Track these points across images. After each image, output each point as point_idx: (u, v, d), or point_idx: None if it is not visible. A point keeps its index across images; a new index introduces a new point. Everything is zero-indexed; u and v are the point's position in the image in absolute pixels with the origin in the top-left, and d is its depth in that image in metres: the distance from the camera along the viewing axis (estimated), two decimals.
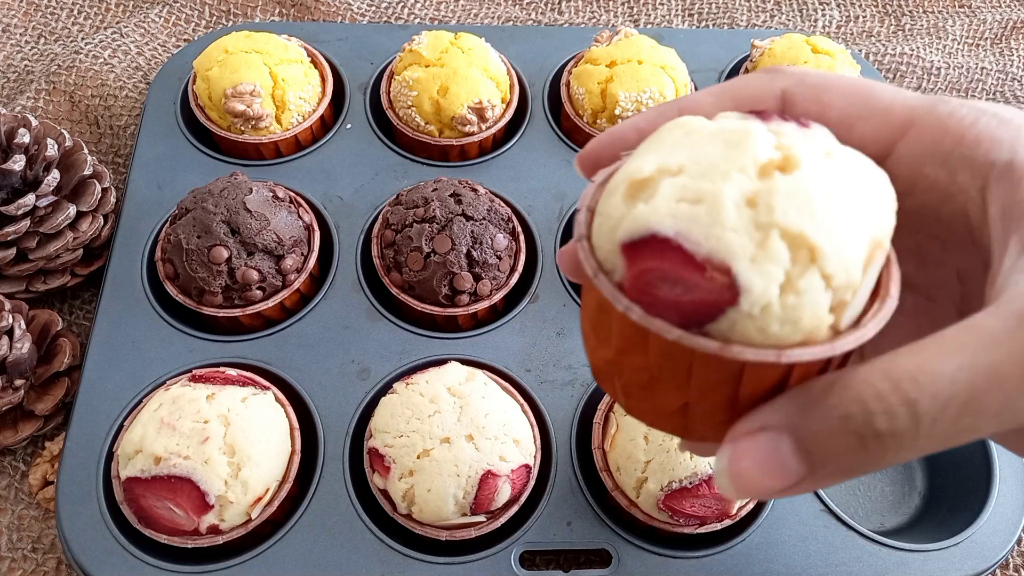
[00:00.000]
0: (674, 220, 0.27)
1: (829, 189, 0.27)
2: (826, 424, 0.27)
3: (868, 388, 0.26)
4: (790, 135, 0.29)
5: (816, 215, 0.26)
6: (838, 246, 0.26)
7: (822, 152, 0.28)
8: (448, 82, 0.75)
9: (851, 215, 0.27)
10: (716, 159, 0.28)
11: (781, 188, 0.26)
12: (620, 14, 0.97)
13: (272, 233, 0.66)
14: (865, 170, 0.29)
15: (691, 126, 0.29)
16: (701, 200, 0.27)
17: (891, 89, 0.33)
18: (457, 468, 0.57)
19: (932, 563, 0.59)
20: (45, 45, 0.88)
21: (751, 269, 0.26)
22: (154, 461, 0.56)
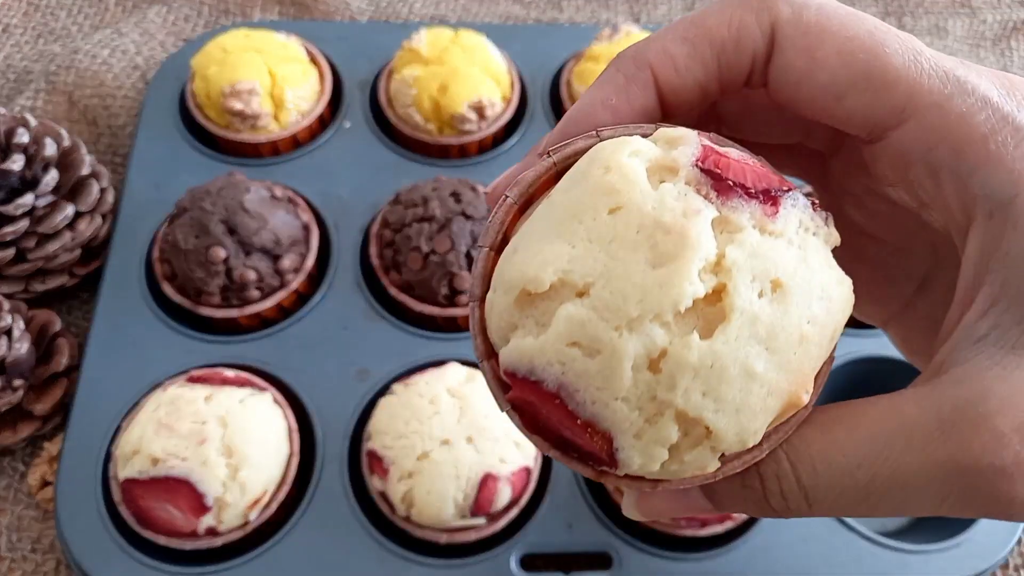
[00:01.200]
0: (561, 369, 0.23)
1: (748, 360, 0.23)
2: (730, 488, 0.27)
3: (769, 467, 0.26)
4: (741, 233, 0.24)
5: (723, 399, 0.23)
6: (740, 429, 0.24)
7: (772, 271, 0.24)
8: (448, 80, 0.75)
9: (764, 386, 0.24)
10: (632, 290, 0.23)
11: (691, 361, 0.23)
12: (621, 12, 0.96)
13: (270, 233, 0.66)
14: (821, 291, 0.24)
15: (623, 200, 0.24)
16: (598, 352, 0.23)
17: (907, 55, 0.26)
18: (457, 470, 0.57)
19: (932, 563, 0.59)
20: (44, 45, 0.88)
21: (634, 446, 0.24)
22: (152, 462, 0.56)
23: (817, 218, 0.26)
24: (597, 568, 0.59)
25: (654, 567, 0.58)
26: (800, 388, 0.24)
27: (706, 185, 0.24)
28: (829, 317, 0.25)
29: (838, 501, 0.26)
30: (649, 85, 0.28)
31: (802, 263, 0.24)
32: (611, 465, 0.24)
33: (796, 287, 0.24)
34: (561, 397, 0.24)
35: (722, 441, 0.24)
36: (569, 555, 0.60)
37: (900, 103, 0.26)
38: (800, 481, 0.26)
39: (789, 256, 0.24)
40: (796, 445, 0.26)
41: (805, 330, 0.24)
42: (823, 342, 0.25)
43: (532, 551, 0.59)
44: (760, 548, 0.59)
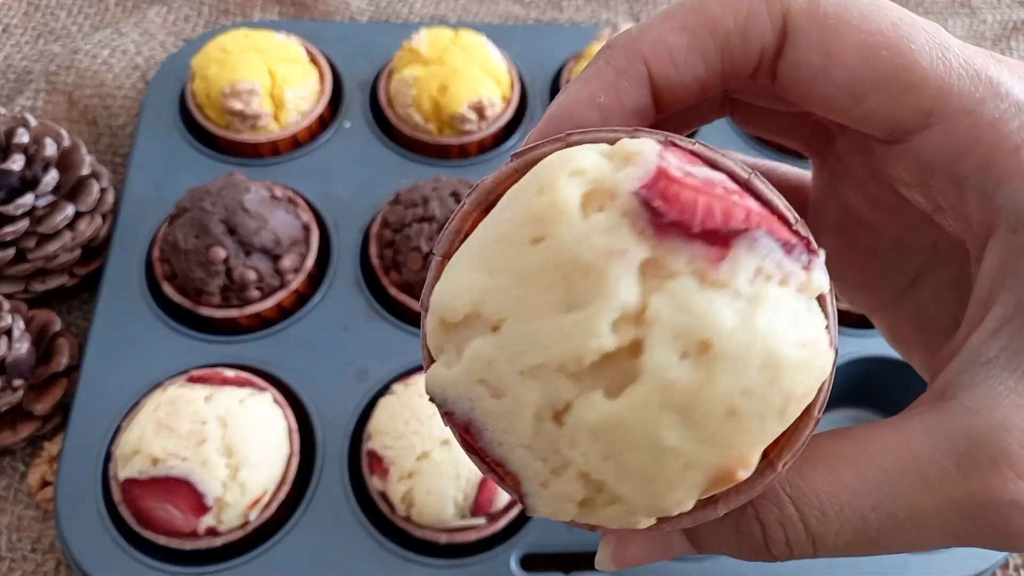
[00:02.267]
0: (471, 405, 0.22)
1: (657, 430, 0.20)
2: (723, 535, 0.25)
3: (771, 512, 0.24)
4: (673, 281, 0.20)
5: (627, 467, 0.21)
6: (652, 499, 0.21)
7: (700, 330, 0.20)
8: (448, 80, 0.75)
9: (678, 459, 0.20)
10: (538, 335, 0.20)
11: (591, 421, 0.20)
12: (621, 12, 0.96)
13: (270, 233, 0.66)
14: (765, 358, 0.20)
15: (547, 231, 0.21)
16: (503, 395, 0.21)
17: (934, 52, 0.24)
18: (456, 470, 0.57)
19: (932, 563, 0.59)
20: (44, 45, 0.88)
21: (540, 495, 0.22)
22: (152, 462, 0.56)
23: (791, 263, 0.21)
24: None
25: (654, 567, 0.58)
26: (733, 465, 0.21)
27: (643, 219, 0.20)
28: (774, 388, 0.20)
29: (848, 546, 0.24)
30: (643, 81, 0.25)
31: (744, 322, 0.20)
32: (524, 505, 0.22)
33: (729, 351, 0.20)
34: (471, 432, 0.22)
35: (633, 507, 0.21)
36: (569, 555, 0.60)
37: (926, 106, 0.24)
38: (808, 528, 0.24)
39: (728, 313, 0.20)
40: (801, 488, 0.24)
41: (736, 403, 0.20)
42: (768, 415, 0.21)
43: (532, 551, 0.59)
44: None
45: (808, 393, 0.21)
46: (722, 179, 0.21)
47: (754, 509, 0.24)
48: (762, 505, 0.24)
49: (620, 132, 0.23)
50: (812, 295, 0.22)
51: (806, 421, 0.22)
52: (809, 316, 0.21)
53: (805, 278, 0.21)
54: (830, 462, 0.24)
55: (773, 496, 0.24)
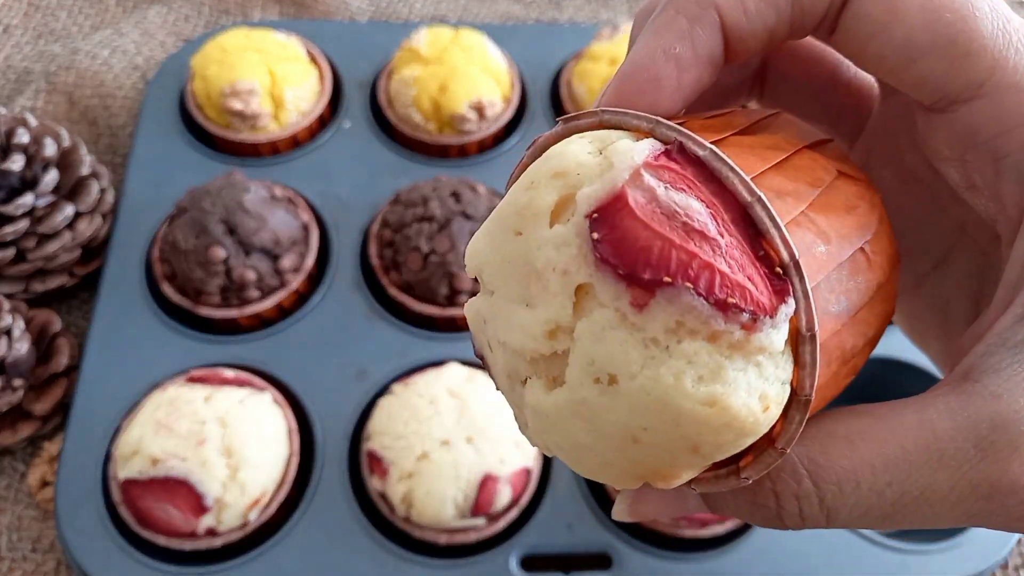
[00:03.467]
0: (480, 341, 0.25)
1: (574, 432, 0.22)
2: (737, 503, 0.25)
3: (787, 486, 0.24)
4: (599, 311, 0.21)
5: (560, 446, 0.23)
6: (597, 474, 0.23)
7: (609, 366, 0.21)
8: (447, 80, 0.75)
9: (598, 456, 0.22)
10: (504, 317, 0.23)
11: (531, 403, 0.23)
12: (621, 12, 0.96)
13: (270, 233, 0.66)
14: (661, 409, 0.21)
15: (523, 228, 0.22)
16: (491, 349, 0.24)
17: (997, 22, 0.23)
18: (456, 471, 0.57)
19: (932, 563, 0.59)
20: (44, 45, 0.88)
21: (524, 430, 0.25)
22: (151, 463, 0.56)
23: (722, 322, 0.20)
24: (597, 568, 0.59)
25: (654, 567, 0.58)
26: (652, 479, 0.22)
27: (587, 244, 0.21)
28: (677, 434, 0.21)
29: (861, 519, 0.24)
30: (716, 28, 0.24)
31: (649, 370, 0.20)
32: None
33: (631, 391, 0.21)
34: (484, 362, 0.25)
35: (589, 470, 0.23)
36: (569, 555, 0.60)
37: (980, 77, 0.23)
38: (824, 501, 0.24)
39: (636, 356, 0.20)
40: (819, 463, 0.24)
41: (638, 435, 0.21)
42: (677, 452, 0.21)
43: (532, 552, 0.59)
44: (760, 549, 0.59)
45: (725, 446, 0.21)
46: (695, 213, 0.21)
47: (771, 482, 0.24)
48: (779, 478, 0.24)
49: (644, 121, 0.23)
50: (752, 355, 0.21)
51: (793, 404, 0.22)
52: (741, 375, 0.21)
53: (741, 337, 0.20)
54: (850, 439, 0.24)
55: (790, 470, 0.24)
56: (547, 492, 0.61)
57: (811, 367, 0.22)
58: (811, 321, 0.21)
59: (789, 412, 0.22)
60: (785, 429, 0.22)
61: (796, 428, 0.22)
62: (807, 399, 0.22)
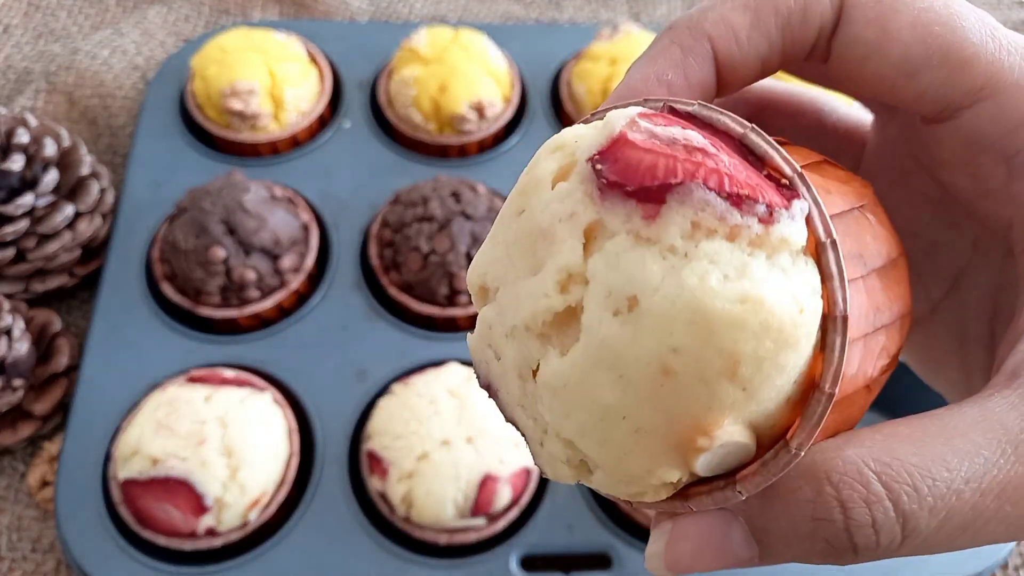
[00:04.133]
0: (486, 368, 0.23)
1: (596, 389, 0.20)
2: (793, 524, 0.22)
3: (854, 490, 0.21)
4: (612, 240, 0.20)
5: (584, 427, 0.21)
6: (616, 465, 0.21)
7: (629, 287, 0.19)
8: (447, 80, 0.75)
9: (627, 420, 0.20)
10: (514, 297, 0.22)
11: (547, 379, 0.21)
12: (621, 12, 0.96)
13: (270, 233, 0.66)
14: (691, 314, 0.19)
15: (526, 203, 0.22)
16: (500, 357, 0.22)
17: (984, 31, 0.25)
18: (456, 471, 0.57)
19: (932, 563, 0.59)
20: (44, 45, 0.88)
21: (540, 454, 0.22)
22: (151, 463, 0.56)
23: (738, 216, 0.20)
24: (597, 568, 0.59)
25: None
26: (688, 432, 0.20)
27: (591, 183, 0.20)
28: (709, 348, 0.19)
29: (939, 530, 0.22)
30: (708, 59, 0.25)
31: (671, 278, 0.19)
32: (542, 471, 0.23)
33: (653, 307, 0.19)
34: (492, 393, 0.23)
35: (612, 474, 0.21)
36: (569, 555, 0.60)
37: (979, 82, 0.24)
38: (899, 506, 0.21)
39: (656, 268, 0.19)
40: (887, 462, 0.21)
41: (668, 362, 0.19)
42: (711, 377, 0.19)
43: (532, 552, 0.59)
44: None
45: (770, 357, 0.20)
46: (693, 138, 0.20)
47: (833, 488, 0.21)
48: (843, 482, 0.21)
49: (652, 102, 0.24)
50: (774, 250, 0.20)
51: (815, 396, 0.21)
52: (768, 272, 0.20)
53: (761, 231, 0.20)
54: (914, 437, 0.22)
55: (853, 471, 0.21)
56: (547, 492, 0.61)
57: (839, 278, 0.20)
58: (827, 227, 0.20)
59: (810, 403, 0.21)
60: (803, 423, 0.21)
61: (816, 421, 0.20)
62: (840, 346, 0.20)
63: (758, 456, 0.21)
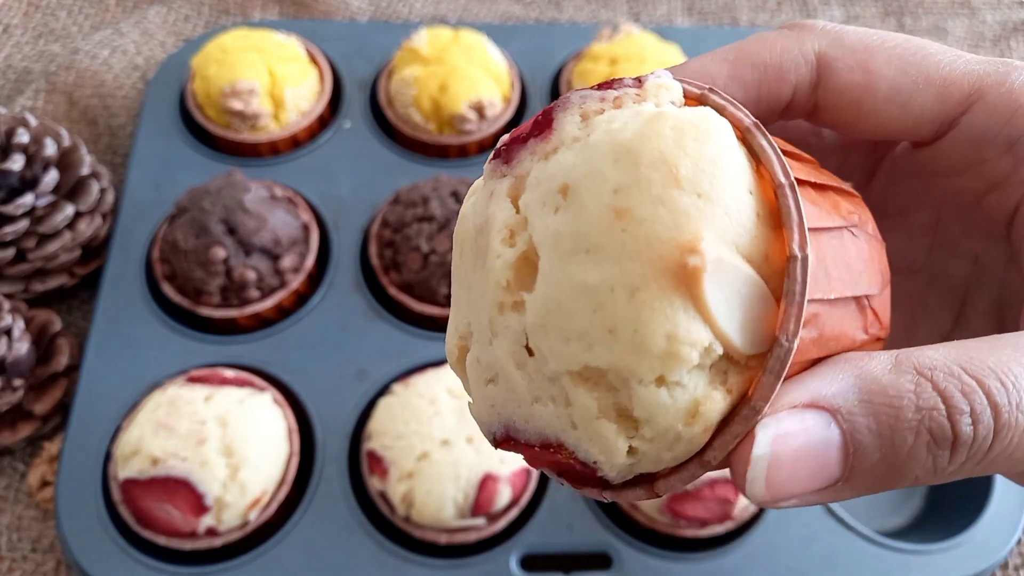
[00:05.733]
0: (494, 410, 0.23)
1: (575, 278, 0.20)
2: (897, 420, 0.21)
3: (950, 381, 0.21)
4: (528, 176, 0.22)
5: (586, 334, 0.20)
6: (634, 348, 0.20)
7: (554, 183, 0.21)
8: (448, 80, 0.75)
9: (614, 288, 0.20)
10: (480, 302, 0.23)
11: (534, 320, 0.21)
12: (621, 12, 0.96)
13: (270, 233, 0.66)
14: (613, 156, 0.21)
15: (457, 236, 0.25)
16: (497, 376, 0.23)
17: (948, 52, 0.27)
18: (456, 470, 0.57)
19: (932, 563, 0.59)
20: (44, 45, 0.88)
21: (579, 439, 0.22)
22: (151, 463, 0.56)
23: (615, 91, 0.23)
24: (597, 568, 0.59)
25: (654, 567, 0.58)
26: (675, 257, 0.20)
27: (499, 166, 0.23)
28: (640, 169, 0.20)
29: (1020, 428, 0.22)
30: None
31: (582, 149, 0.21)
32: (594, 472, 0.22)
33: (580, 175, 0.21)
34: (511, 436, 0.23)
35: (638, 373, 0.20)
36: (569, 555, 0.60)
37: (965, 90, 0.27)
38: (991, 396, 0.21)
39: (569, 156, 0.22)
40: (968, 359, 0.22)
41: (617, 203, 0.20)
42: (661, 194, 0.20)
43: (532, 551, 0.59)
44: (760, 548, 0.59)
45: (697, 153, 0.21)
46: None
47: (930, 381, 0.21)
48: (937, 375, 0.22)
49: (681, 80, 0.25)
50: (657, 95, 0.23)
51: (789, 265, 0.21)
52: (661, 105, 0.23)
53: (639, 89, 0.23)
54: (986, 346, 0.22)
55: (944, 366, 0.22)
56: (547, 492, 0.61)
57: (797, 218, 0.21)
58: (787, 172, 0.22)
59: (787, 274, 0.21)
60: (785, 304, 0.21)
61: (799, 289, 0.21)
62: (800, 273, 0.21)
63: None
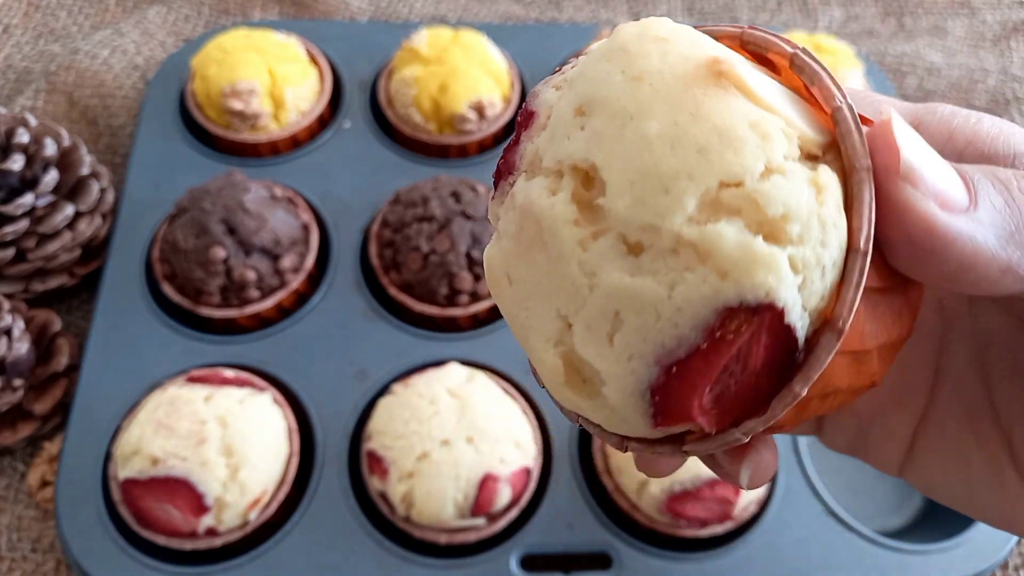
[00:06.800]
0: (635, 361, 0.22)
1: (649, 152, 0.20)
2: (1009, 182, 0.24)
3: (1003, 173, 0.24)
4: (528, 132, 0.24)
5: (679, 175, 0.20)
6: (732, 149, 0.20)
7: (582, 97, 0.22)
8: (448, 80, 0.75)
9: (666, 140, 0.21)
10: (557, 279, 0.23)
11: (623, 207, 0.21)
12: (621, 12, 0.96)
13: (270, 233, 0.66)
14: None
15: None
16: (618, 312, 0.22)
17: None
18: (456, 470, 0.57)
19: (932, 563, 0.59)
20: (44, 45, 0.88)
21: (742, 284, 0.20)
22: (151, 463, 0.56)
23: (575, 60, 0.25)
24: (597, 568, 0.59)
25: (654, 567, 0.58)
26: (700, 67, 0.21)
27: (503, 183, 0.25)
28: (641, 45, 0.22)
29: None
30: None
31: (571, 87, 0.23)
32: (790, 334, 0.21)
33: (584, 90, 0.22)
34: (669, 364, 0.22)
35: (746, 170, 0.20)
36: (569, 555, 0.60)
37: None
38: None
39: (563, 102, 0.23)
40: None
41: (631, 75, 0.22)
42: (669, 51, 0.22)
43: (532, 551, 0.59)
44: (760, 548, 0.59)
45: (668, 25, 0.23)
46: None
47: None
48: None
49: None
50: None
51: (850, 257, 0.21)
52: None
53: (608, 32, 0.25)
54: None
55: None
56: (547, 492, 0.61)
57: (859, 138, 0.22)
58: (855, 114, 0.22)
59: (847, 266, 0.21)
60: (842, 291, 0.21)
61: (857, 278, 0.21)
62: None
63: None
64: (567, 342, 0.22)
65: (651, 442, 0.23)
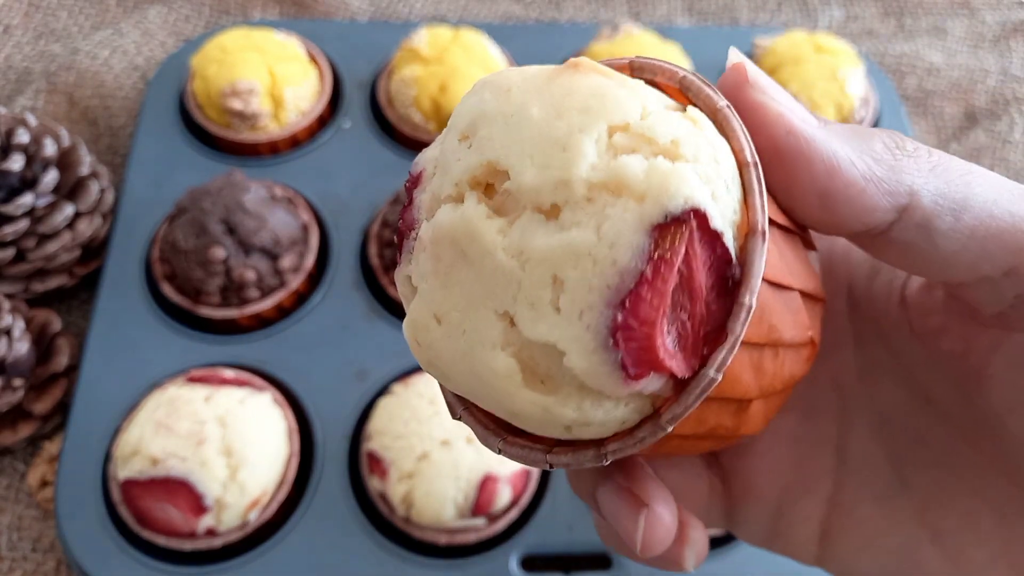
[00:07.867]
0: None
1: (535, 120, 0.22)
2: None
3: None
4: None
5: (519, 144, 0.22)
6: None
7: None
8: (448, 80, 0.75)
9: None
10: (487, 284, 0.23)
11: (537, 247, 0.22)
12: (621, 11, 0.96)
13: (270, 232, 0.66)
14: None
15: None
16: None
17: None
18: (456, 471, 0.57)
19: None
20: (44, 45, 0.88)
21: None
22: (151, 463, 0.56)
23: None
24: (597, 568, 0.59)
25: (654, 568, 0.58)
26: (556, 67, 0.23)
27: (407, 245, 0.25)
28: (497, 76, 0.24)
29: None
30: None
31: (445, 135, 0.24)
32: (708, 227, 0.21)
33: (460, 116, 0.24)
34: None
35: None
36: (569, 556, 0.60)
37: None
38: None
39: (438, 150, 0.24)
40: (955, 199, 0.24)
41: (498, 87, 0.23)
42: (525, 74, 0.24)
43: (532, 552, 0.59)
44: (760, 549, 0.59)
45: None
46: None
47: None
48: None
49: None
50: None
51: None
52: None
53: None
54: None
55: None
56: (547, 492, 0.61)
57: (759, 194, 0.23)
58: (752, 150, 0.23)
59: None
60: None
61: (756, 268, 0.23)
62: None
63: None
64: (514, 339, 0.22)
65: (631, 431, 0.23)
